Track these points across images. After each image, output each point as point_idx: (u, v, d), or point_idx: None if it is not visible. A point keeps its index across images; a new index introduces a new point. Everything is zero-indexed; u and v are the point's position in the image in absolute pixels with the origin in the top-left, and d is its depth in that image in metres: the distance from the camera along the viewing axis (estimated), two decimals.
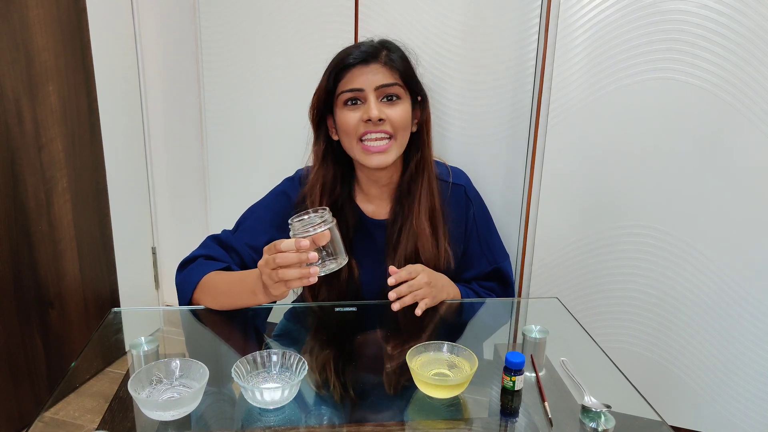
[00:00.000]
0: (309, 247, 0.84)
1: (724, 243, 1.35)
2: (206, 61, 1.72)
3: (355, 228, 1.16)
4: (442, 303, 1.11)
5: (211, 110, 1.77)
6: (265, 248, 0.89)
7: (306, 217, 0.89)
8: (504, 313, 1.21)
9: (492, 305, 1.20)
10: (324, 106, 1.11)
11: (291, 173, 1.21)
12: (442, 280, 1.13)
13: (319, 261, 0.87)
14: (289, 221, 0.88)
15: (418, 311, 1.04)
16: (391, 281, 1.03)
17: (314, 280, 0.85)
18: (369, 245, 1.17)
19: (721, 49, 1.25)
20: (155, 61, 1.94)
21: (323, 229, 0.86)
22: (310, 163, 1.18)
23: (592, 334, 1.02)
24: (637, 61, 1.31)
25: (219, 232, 1.17)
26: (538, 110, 1.42)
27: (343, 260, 0.90)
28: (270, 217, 1.15)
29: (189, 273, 1.08)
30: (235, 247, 1.12)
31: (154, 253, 2.12)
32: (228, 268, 1.08)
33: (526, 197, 1.49)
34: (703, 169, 1.33)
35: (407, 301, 1.04)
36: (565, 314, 1.12)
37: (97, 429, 0.73)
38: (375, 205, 1.18)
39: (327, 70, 1.10)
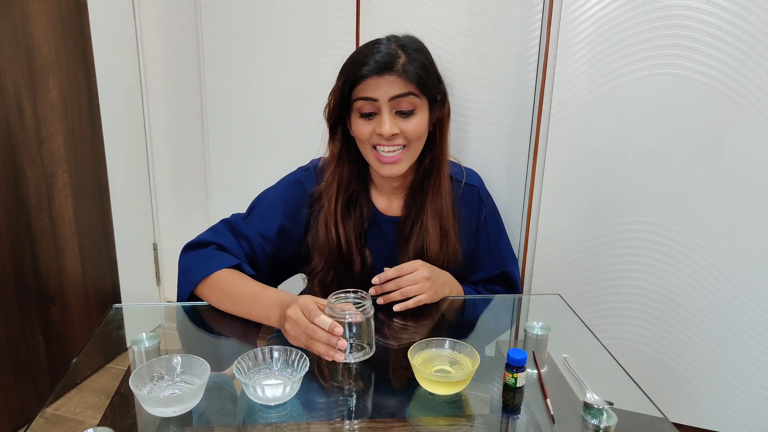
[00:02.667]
0: (341, 333, 0.83)
1: (726, 239, 1.35)
2: (207, 56, 1.72)
3: (368, 222, 1.15)
4: (444, 299, 1.11)
5: (212, 105, 1.76)
6: (301, 304, 0.86)
7: (344, 296, 0.90)
8: (506, 309, 1.21)
9: (494, 302, 1.20)
10: (340, 110, 1.08)
11: (292, 169, 1.20)
12: (444, 276, 1.12)
13: (348, 345, 0.85)
14: (329, 297, 0.89)
15: (398, 307, 1.03)
16: (374, 280, 1.04)
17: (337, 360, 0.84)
18: (379, 240, 1.17)
19: (725, 45, 1.24)
20: (156, 57, 1.93)
21: (360, 319, 0.86)
22: (321, 156, 1.17)
23: (594, 331, 1.02)
24: (639, 57, 1.30)
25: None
26: (540, 106, 1.42)
27: (370, 351, 0.89)
28: (282, 206, 1.14)
29: (199, 261, 1.06)
30: (246, 235, 1.11)
31: (155, 249, 2.12)
32: (238, 267, 1.06)
33: (528, 194, 1.49)
34: (706, 165, 1.33)
35: (394, 296, 1.03)
36: (567, 311, 1.12)
37: (98, 425, 0.72)
38: (387, 200, 1.18)
39: (342, 72, 1.06)
